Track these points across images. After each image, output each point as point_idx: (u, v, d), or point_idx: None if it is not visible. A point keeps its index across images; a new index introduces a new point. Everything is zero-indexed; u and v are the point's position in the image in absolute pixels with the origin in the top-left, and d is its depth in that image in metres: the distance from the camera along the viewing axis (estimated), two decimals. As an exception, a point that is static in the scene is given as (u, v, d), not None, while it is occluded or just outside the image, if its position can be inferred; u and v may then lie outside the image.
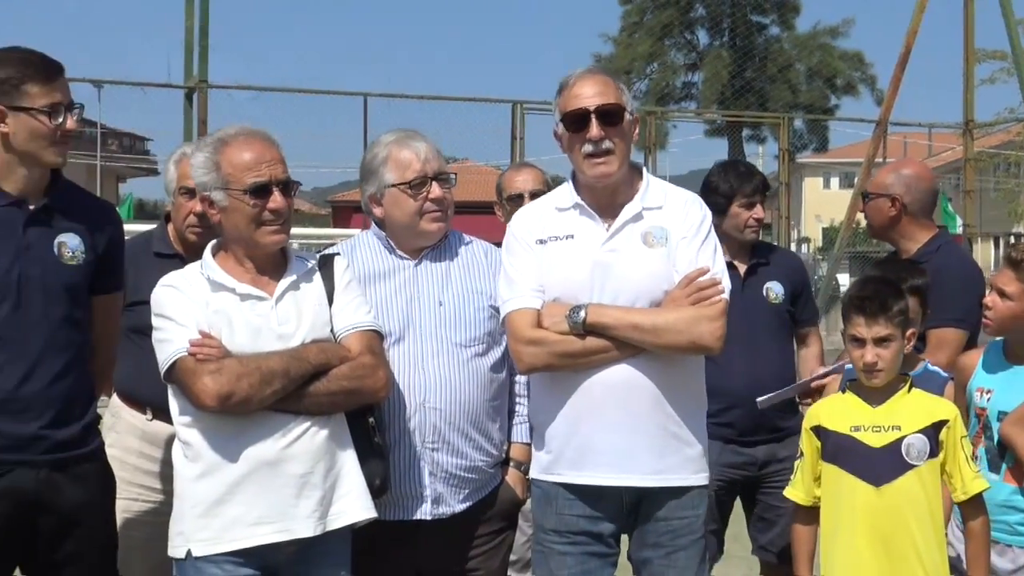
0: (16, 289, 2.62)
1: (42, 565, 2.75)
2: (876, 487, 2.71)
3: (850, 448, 2.77)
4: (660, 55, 26.02)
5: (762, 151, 24.33)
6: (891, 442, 2.71)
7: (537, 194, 3.64)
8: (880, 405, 2.76)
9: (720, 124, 22.87)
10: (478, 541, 2.95)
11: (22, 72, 2.64)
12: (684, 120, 8.63)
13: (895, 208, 3.59)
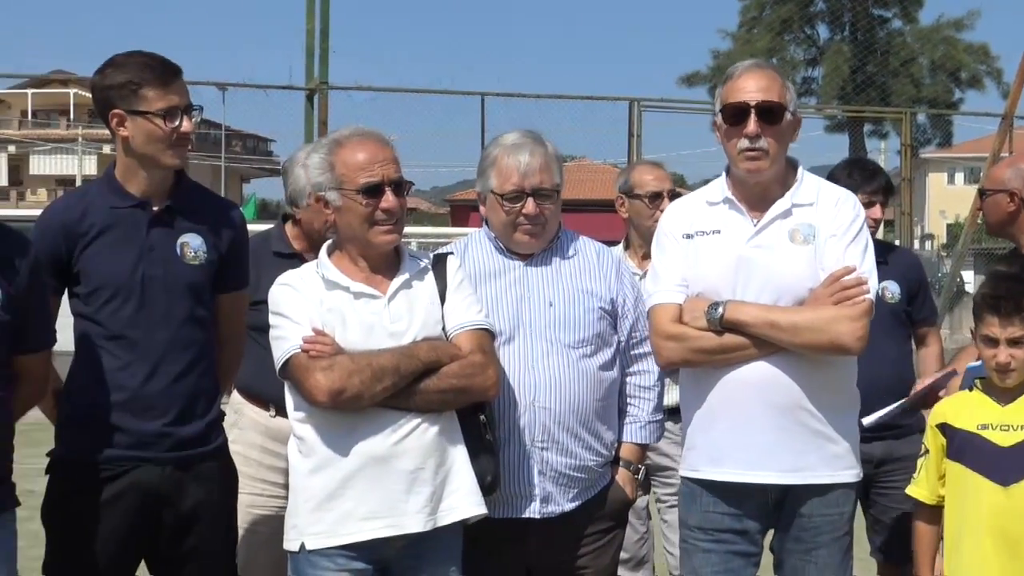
0: (140, 289, 2.71)
1: (165, 559, 2.85)
2: (1004, 487, 2.66)
3: (977, 446, 2.73)
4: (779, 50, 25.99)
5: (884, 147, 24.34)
6: (1020, 441, 2.66)
7: (675, 194, 3.71)
8: (1009, 404, 2.71)
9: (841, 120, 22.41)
10: (587, 540, 2.96)
11: (140, 77, 2.72)
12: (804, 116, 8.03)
13: (1013, 203, 3.57)
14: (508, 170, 2.91)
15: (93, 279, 2.72)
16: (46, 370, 2.75)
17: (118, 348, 2.72)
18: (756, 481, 2.78)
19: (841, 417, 2.80)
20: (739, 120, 2.73)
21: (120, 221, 2.74)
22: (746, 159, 2.75)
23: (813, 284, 2.75)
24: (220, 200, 3.22)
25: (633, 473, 3.06)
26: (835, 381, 2.81)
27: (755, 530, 2.84)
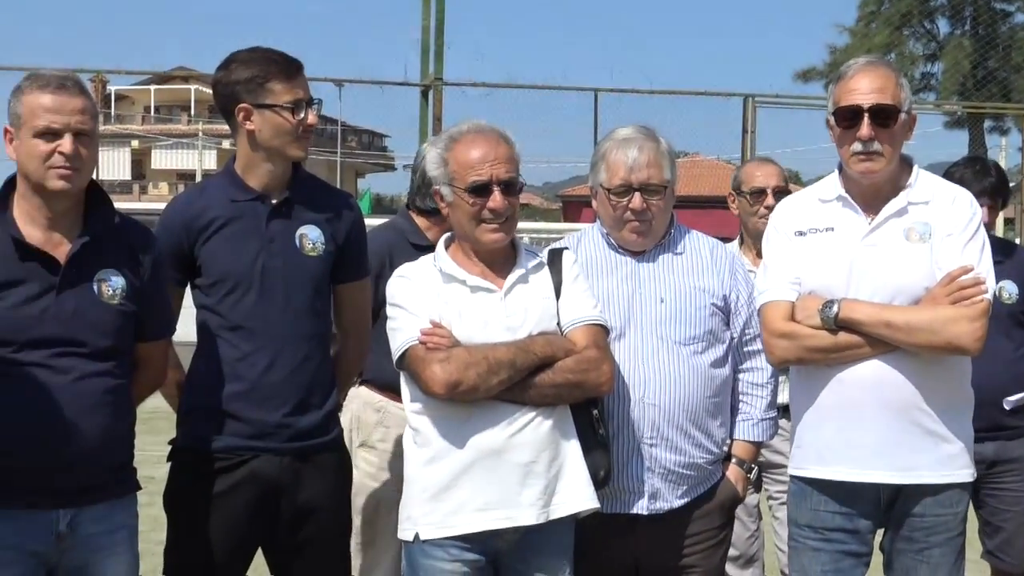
0: (260, 281, 2.78)
1: (281, 548, 2.91)
2: None
3: None
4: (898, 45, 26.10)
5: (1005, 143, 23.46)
6: None
7: (780, 191, 3.75)
8: None
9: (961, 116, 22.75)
10: (696, 537, 2.97)
11: (266, 71, 2.80)
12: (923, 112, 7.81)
13: None
14: (616, 165, 2.92)
15: (214, 271, 2.80)
16: (164, 358, 2.84)
17: (238, 339, 2.78)
18: (868, 480, 2.78)
19: (955, 417, 2.80)
20: (852, 123, 2.73)
21: (240, 214, 2.81)
22: (860, 161, 2.74)
23: (929, 283, 2.75)
24: (337, 192, 3.28)
25: (746, 471, 3.06)
26: (950, 381, 2.80)
27: (866, 529, 2.84)
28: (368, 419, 3.53)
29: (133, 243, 2.69)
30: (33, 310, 2.50)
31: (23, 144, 2.51)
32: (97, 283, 2.57)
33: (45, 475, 2.49)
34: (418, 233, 3.51)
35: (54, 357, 2.51)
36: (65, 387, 2.52)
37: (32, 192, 2.54)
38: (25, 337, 2.49)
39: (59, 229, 2.57)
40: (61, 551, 2.56)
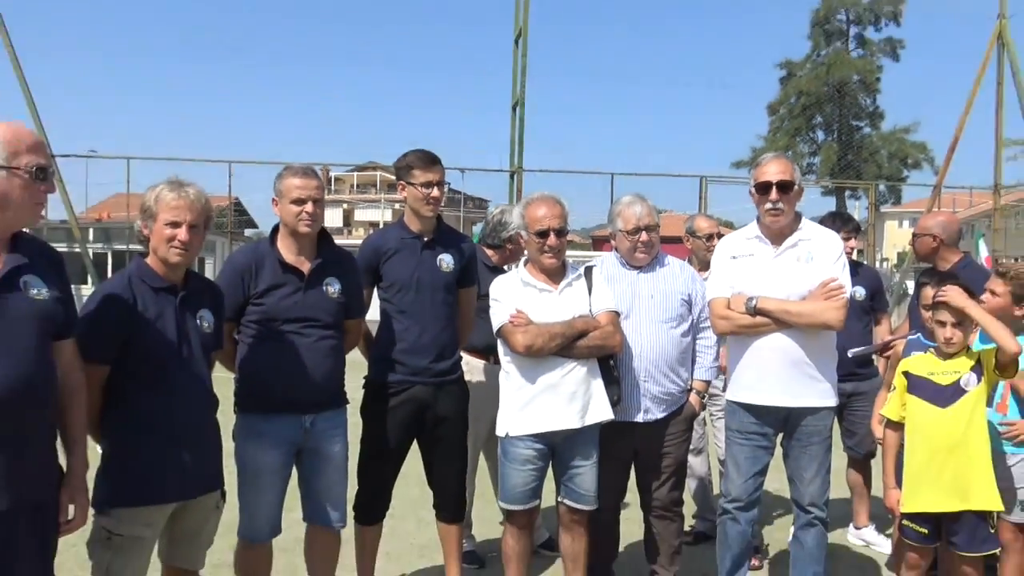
0: (416, 285, 3.67)
1: (427, 440, 3.78)
2: (942, 408, 3.34)
3: (925, 385, 3.41)
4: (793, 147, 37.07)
5: (858, 205, 33.16)
6: (952, 382, 3.37)
7: (719, 234, 4.49)
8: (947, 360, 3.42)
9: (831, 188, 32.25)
10: (671, 436, 3.82)
11: (412, 163, 3.69)
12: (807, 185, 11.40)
13: (935, 242, 4.43)
14: (629, 216, 3.79)
15: (389, 278, 3.70)
16: (359, 329, 3.66)
17: (402, 318, 3.69)
18: (773, 404, 3.52)
19: (825, 367, 3.53)
20: (766, 191, 3.51)
21: (405, 246, 3.70)
22: (770, 215, 3.53)
23: (811, 287, 3.48)
24: (460, 234, 4.01)
25: (700, 398, 3.91)
26: (822, 346, 3.52)
27: (771, 433, 3.59)
28: None
29: (345, 264, 3.51)
30: (290, 301, 3.31)
31: (284, 207, 3.34)
32: (325, 286, 3.39)
33: (298, 395, 3.28)
34: (488, 258, 4.43)
35: (302, 328, 3.33)
36: (308, 345, 3.32)
37: (288, 234, 3.38)
38: (285, 316, 3.30)
39: (303, 254, 3.38)
40: (305, 439, 3.34)
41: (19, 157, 2.29)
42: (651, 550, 4.00)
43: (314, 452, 3.41)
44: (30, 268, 2.36)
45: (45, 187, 2.37)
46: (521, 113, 17.62)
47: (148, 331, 2.78)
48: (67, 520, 2.53)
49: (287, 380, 3.29)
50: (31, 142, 2.33)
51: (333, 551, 3.58)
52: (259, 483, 3.32)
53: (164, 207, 2.83)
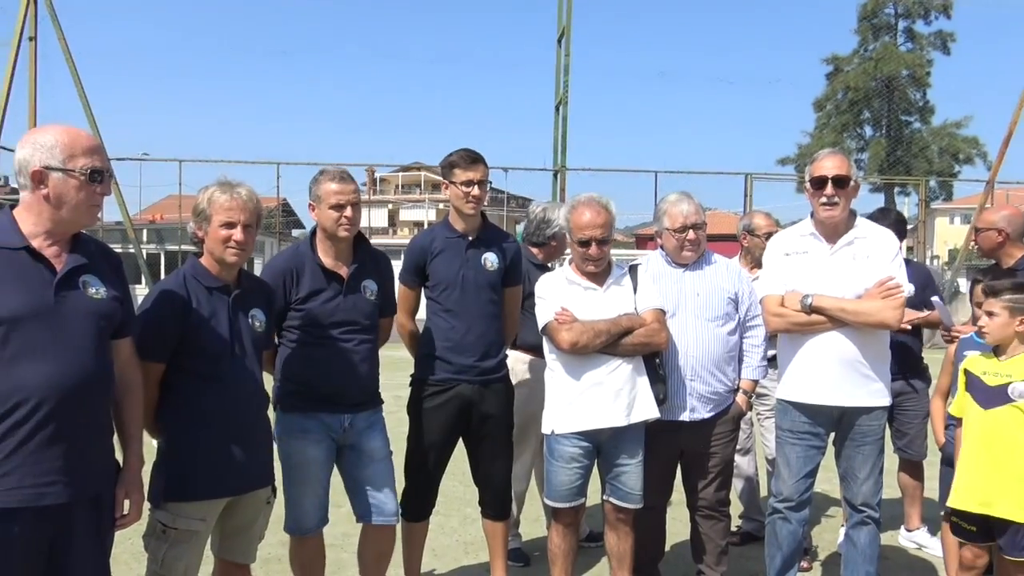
0: (460, 284, 3.71)
1: (472, 437, 3.83)
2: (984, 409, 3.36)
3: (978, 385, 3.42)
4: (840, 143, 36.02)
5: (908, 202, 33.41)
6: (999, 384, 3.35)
7: (770, 232, 4.48)
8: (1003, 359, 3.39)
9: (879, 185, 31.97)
10: (717, 435, 3.80)
11: (455, 162, 3.72)
12: None
13: (1000, 236, 4.32)
14: (676, 215, 3.77)
15: (436, 277, 3.73)
16: (390, 326, 3.68)
17: (448, 316, 3.72)
18: (826, 403, 3.48)
19: (879, 366, 3.47)
20: (821, 186, 3.48)
21: (450, 245, 3.74)
22: (824, 209, 3.48)
23: (868, 285, 3.42)
24: (505, 233, 4.02)
25: (748, 398, 3.88)
26: (877, 345, 3.47)
27: (823, 432, 3.54)
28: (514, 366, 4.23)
29: (380, 264, 3.57)
30: (331, 306, 3.37)
31: (322, 212, 3.37)
32: (363, 288, 3.44)
33: (339, 395, 3.37)
34: (535, 257, 4.45)
35: (342, 332, 3.38)
36: (348, 349, 3.39)
37: (326, 238, 3.40)
38: (327, 321, 3.35)
39: (341, 258, 3.42)
40: (345, 436, 3.42)
41: (75, 160, 2.35)
42: (697, 550, 3.98)
43: (354, 448, 3.47)
44: (89, 268, 2.42)
45: (100, 189, 2.42)
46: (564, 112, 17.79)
47: (202, 329, 2.83)
48: (122, 515, 2.58)
49: (328, 382, 3.37)
50: (87, 145, 2.39)
51: (386, 547, 3.60)
52: (303, 477, 3.38)
53: (218, 209, 2.88)
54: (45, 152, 2.32)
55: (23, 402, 2.22)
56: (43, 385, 2.23)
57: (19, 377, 2.22)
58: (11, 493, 2.21)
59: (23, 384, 2.22)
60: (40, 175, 2.31)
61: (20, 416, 2.22)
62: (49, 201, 2.33)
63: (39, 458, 2.24)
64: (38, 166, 2.31)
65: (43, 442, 2.24)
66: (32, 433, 2.23)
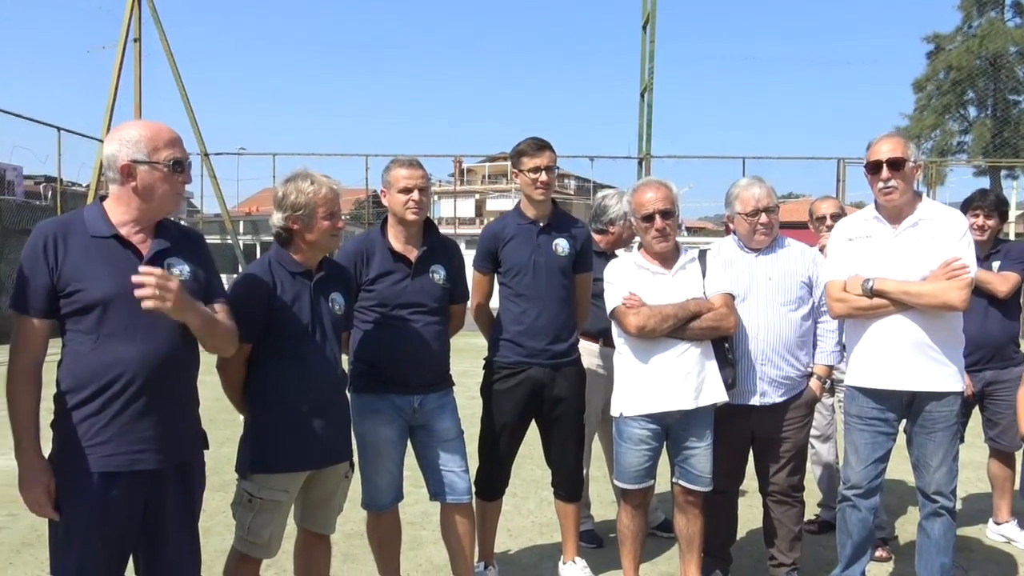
0: (532, 269, 3.81)
1: (544, 419, 3.93)
2: None
3: None
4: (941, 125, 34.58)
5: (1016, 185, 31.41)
6: None
7: (836, 216, 4.47)
8: None
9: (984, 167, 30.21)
10: (789, 421, 3.79)
11: (522, 149, 3.84)
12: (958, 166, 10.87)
13: None
14: (747, 199, 3.78)
15: (508, 263, 3.84)
16: (463, 313, 3.77)
17: (520, 300, 3.82)
18: (895, 388, 3.45)
19: (950, 350, 3.41)
20: (877, 171, 3.47)
21: (522, 232, 3.84)
22: (882, 194, 3.47)
23: (933, 267, 3.38)
24: (575, 219, 4.06)
25: (822, 383, 3.85)
26: (946, 328, 3.42)
27: (893, 419, 3.50)
28: None
29: (450, 250, 3.67)
30: (399, 288, 3.49)
31: (392, 197, 3.51)
32: (431, 273, 3.54)
33: (410, 376, 3.47)
34: (597, 245, 4.45)
35: (411, 313, 3.49)
36: (417, 330, 3.49)
37: (396, 223, 3.53)
38: (396, 302, 3.47)
39: (411, 243, 3.54)
40: (415, 416, 3.53)
41: (159, 152, 2.53)
42: (770, 535, 3.98)
43: (426, 428, 3.59)
44: (172, 251, 2.61)
45: (182, 178, 2.60)
46: (649, 99, 17.72)
47: (286, 311, 3.00)
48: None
49: (398, 362, 3.49)
50: (168, 138, 2.57)
51: (464, 525, 3.69)
52: (376, 456, 3.51)
53: (322, 201, 3.06)
54: (131, 147, 2.50)
55: (118, 377, 2.42)
56: (135, 361, 2.43)
57: (113, 354, 2.42)
58: (109, 459, 2.42)
59: (117, 360, 2.42)
60: (128, 169, 2.49)
61: (116, 390, 2.42)
62: (137, 192, 2.52)
63: (132, 428, 2.44)
64: (126, 160, 2.50)
65: (135, 413, 2.44)
66: (126, 405, 2.43)
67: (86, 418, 2.41)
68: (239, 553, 3.11)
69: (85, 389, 2.41)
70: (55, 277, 2.40)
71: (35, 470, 2.40)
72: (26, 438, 2.41)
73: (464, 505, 3.68)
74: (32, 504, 2.42)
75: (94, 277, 2.41)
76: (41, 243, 2.41)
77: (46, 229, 2.45)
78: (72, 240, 2.43)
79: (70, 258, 2.41)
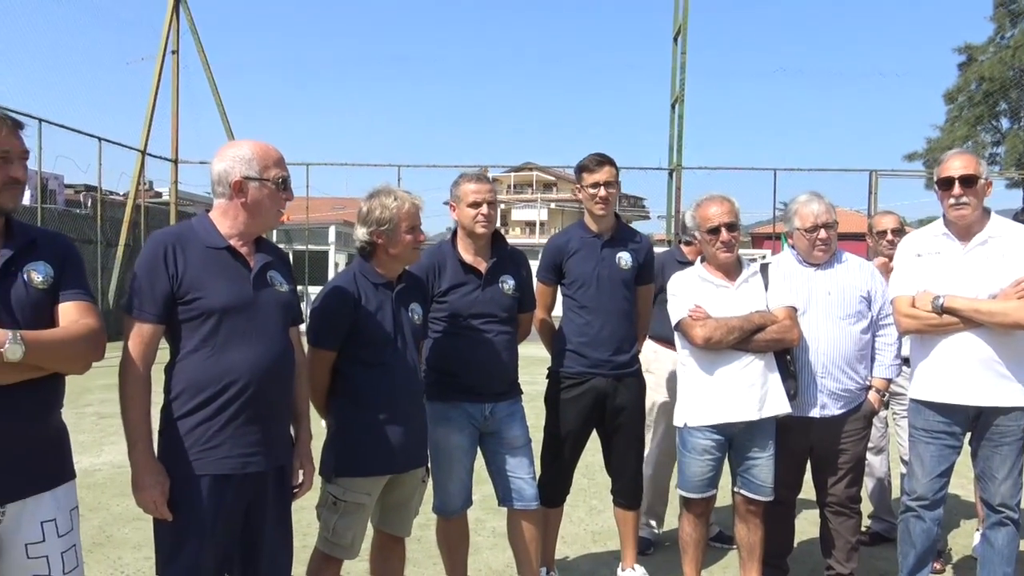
0: (596, 281, 3.91)
1: (607, 429, 4.02)
2: None
3: None
4: (974, 136, 34.48)
5: None
6: None
7: (897, 231, 4.49)
8: None
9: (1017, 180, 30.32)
10: (848, 433, 3.84)
11: (583, 165, 4.00)
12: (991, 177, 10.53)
13: None
14: (806, 215, 3.84)
15: (572, 275, 3.95)
16: (531, 321, 3.90)
17: (583, 312, 3.92)
18: (961, 403, 3.48)
19: (1017, 365, 3.42)
20: (948, 186, 3.51)
21: (586, 245, 3.95)
22: (953, 210, 3.50)
23: (1002, 284, 3.41)
24: (638, 232, 4.21)
25: (880, 396, 3.89)
26: (1015, 344, 3.43)
27: (959, 432, 3.52)
28: (647, 356, 4.50)
29: (518, 260, 3.79)
30: (470, 298, 3.60)
31: (461, 211, 3.62)
32: (501, 283, 3.66)
33: (480, 385, 3.58)
34: (683, 255, 4.61)
35: (482, 323, 3.60)
36: (489, 339, 3.60)
37: (466, 236, 3.64)
38: (467, 312, 3.58)
39: (480, 255, 3.66)
40: (486, 424, 3.64)
41: (268, 170, 2.67)
42: (827, 545, 4.02)
43: (496, 436, 3.68)
44: (272, 265, 2.75)
45: (286, 195, 2.75)
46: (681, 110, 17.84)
47: (370, 321, 3.13)
48: (297, 485, 2.89)
49: (470, 371, 3.58)
50: (276, 157, 2.72)
51: (531, 531, 3.76)
52: (448, 462, 3.60)
53: (404, 216, 3.20)
54: (244, 164, 2.64)
55: (232, 383, 2.54)
56: (248, 368, 2.56)
57: (229, 361, 2.55)
58: (224, 462, 2.55)
59: (232, 367, 2.55)
60: (240, 185, 2.63)
61: (230, 395, 2.54)
62: (246, 207, 2.66)
63: (244, 431, 2.57)
64: (238, 177, 2.63)
65: (247, 418, 2.57)
66: (240, 410, 2.56)
67: (201, 423, 2.53)
68: (322, 554, 3.22)
69: (201, 394, 2.53)
70: (175, 284, 2.53)
71: (151, 472, 2.51)
72: (141, 440, 2.52)
73: (532, 511, 3.76)
74: (147, 505, 2.52)
75: (212, 286, 2.55)
76: (161, 251, 2.54)
77: (163, 239, 2.58)
78: (189, 250, 2.57)
79: (190, 267, 2.54)
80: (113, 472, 6.50)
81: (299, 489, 2.86)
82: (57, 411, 2.35)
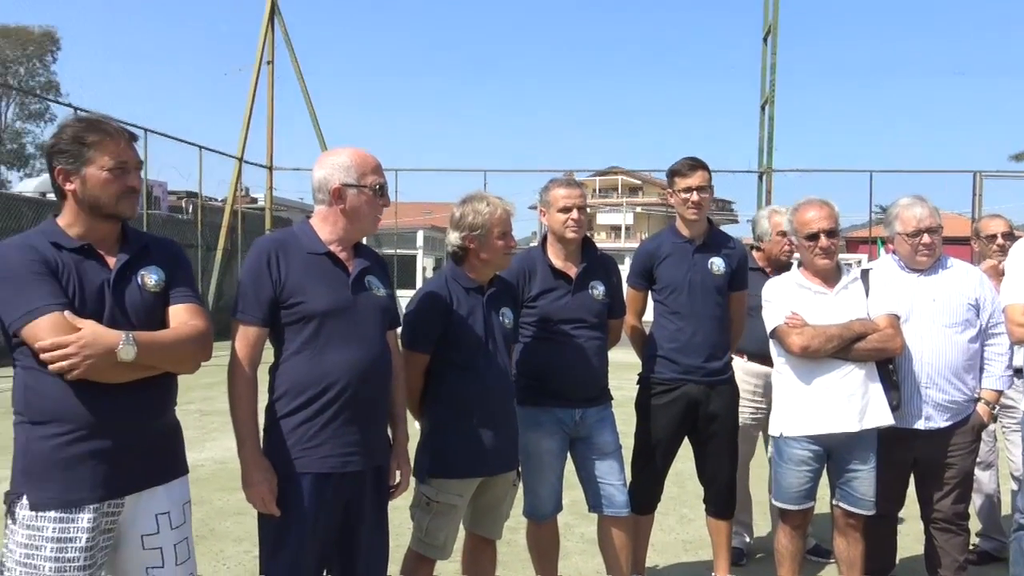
0: (688, 287, 3.86)
1: (699, 436, 3.97)
2: None
3: None
4: None
5: None
6: None
7: (1007, 235, 4.36)
8: None
9: None
10: (955, 446, 3.72)
11: (675, 170, 3.89)
12: None
13: None
14: (908, 219, 3.73)
15: (663, 281, 3.91)
16: (620, 327, 3.86)
17: (675, 318, 3.87)
18: None
19: None
20: None
21: (677, 250, 3.91)
22: None
23: None
24: (730, 237, 4.13)
25: (990, 409, 3.75)
26: None
27: None
28: None
29: (608, 266, 3.76)
30: (560, 303, 3.60)
31: (551, 216, 3.62)
32: (591, 288, 3.64)
33: (570, 390, 3.56)
34: (755, 261, 4.54)
35: (573, 328, 3.58)
36: (579, 344, 3.58)
37: (556, 240, 3.65)
38: (558, 318, 3.57)
39: (570, 260, 3.65)
40: (577, 429, 3.62)
41: (366, 177, 2.75)
42: (932, 563, 3.88)
43: (586, 441, 3.66)
44: (370, 270, 2.81)
45: (383, 201, 2.82)
46: (771, 111, 17.51)
47: (461, 325, 3.17)
48: (394, 485, 2.94)
49: (560, 376, 3.58)
50: (374, 164, 2.80)
51: (621, 538, 3.74)
52: (539, 467, 3.59)
53: (496, 221, 3.24)
54: (342, 172, 2.72)
55: (332, 384, 2.61)
56: (347, 370, 2.62)
57: (329, 363, 2.62)
58: (325, 460, 2.62)
59: (332, 369, 2.62)
60: (339, 192, 2.70)
61: (331, 396, 2.61)
62: (345, 213, 2.73)
63: (344, 431, 2.64)
64: (337, 184, 2.71)
65: (346, 419, 2.64)
66: (340, 411, 2.62)
67: (303, 422, 2.61)
68: (416, 553, 3.28)
69: (303, 394, 2.61)
70: (279, 289, 2.62)
71: (260, 469, 2.60)
72: (250, 438, 2.61)
73: (622, 518, 3.74)
74: (256, 501, 2.62)
75: (313, 290, 2.62)
76: (264, 258, 2.64)
77: (267, 246, 2.68)
78: (291, 255, 2.66)
79: (292, 272, 2.63)
80: (216, 467, 6.73)
81: (396, 489, 2.91)
82: (171, 408, 2.46)
